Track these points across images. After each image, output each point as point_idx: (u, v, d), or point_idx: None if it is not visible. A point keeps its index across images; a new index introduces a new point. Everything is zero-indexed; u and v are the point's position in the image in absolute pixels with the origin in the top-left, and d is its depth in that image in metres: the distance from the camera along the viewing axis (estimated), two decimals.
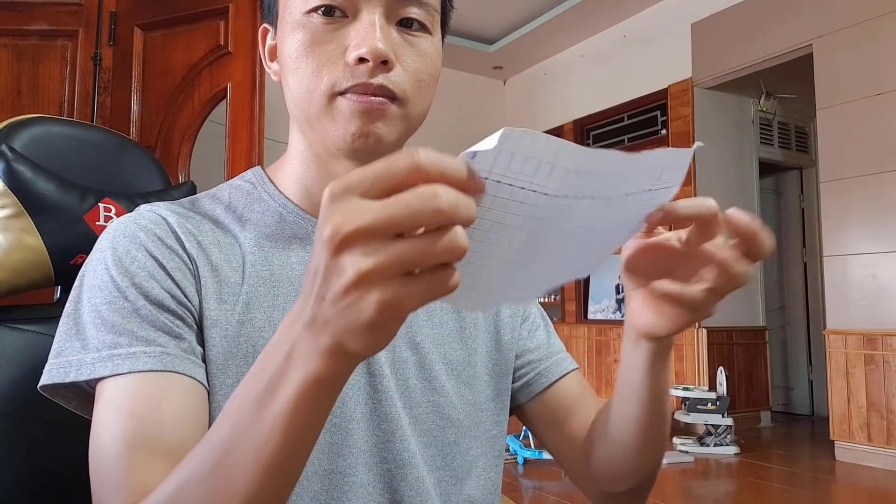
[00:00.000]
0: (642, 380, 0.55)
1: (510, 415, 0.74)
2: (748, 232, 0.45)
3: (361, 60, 0.54)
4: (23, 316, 0.77)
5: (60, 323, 0.55)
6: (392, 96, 0.56)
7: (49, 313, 0.77)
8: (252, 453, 0.39)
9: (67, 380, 0.51)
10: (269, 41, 0.64)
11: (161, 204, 0.60)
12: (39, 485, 0.73)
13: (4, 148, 0.80)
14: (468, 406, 0.65)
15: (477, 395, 0.67)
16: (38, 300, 0.85)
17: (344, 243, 0.32)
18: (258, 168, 0.67)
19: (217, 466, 0.40)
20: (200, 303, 0.56)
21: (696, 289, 0.46)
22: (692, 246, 0.46)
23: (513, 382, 0.72)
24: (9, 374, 0.73)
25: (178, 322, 0.54)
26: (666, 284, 0.48)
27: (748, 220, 0.45)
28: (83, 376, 0.51)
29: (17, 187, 0.80)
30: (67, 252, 0.82)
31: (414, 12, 0.57)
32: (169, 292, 0.54)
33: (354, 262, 0.32)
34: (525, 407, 0.73)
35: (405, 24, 0.57)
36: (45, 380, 0.53)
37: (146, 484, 0.46)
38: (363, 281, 0.32)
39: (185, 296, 0.55)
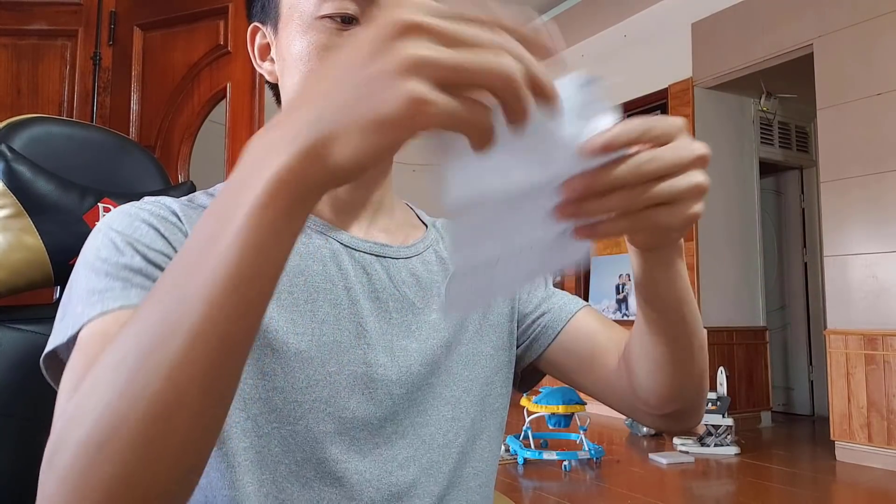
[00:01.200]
0: (657, 289, 0.52)
1: (535, 374, 0.75)
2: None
3: None
4: (22, 316, 0.77)
5: (61, 300, 0.53)
6: None
7: (48, 313, 0.77)
8: (208, 275, 0.33)
9: (67, 336, 0.48)
10: (259, 40, 0.64)
11: (162, 197, 0.60)
12: None
13: (4, 148, 0.80)
14: (470, 383, 0.66)
15: (482, 371, 0.67)
16: (37, 300, 0.85)
17: (410, 29, 0.31)
18: None
19: (167, 300, 0.35)
20: None
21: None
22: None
23: (522, 344, 0.73)
24: (8, 374, 0.73)
25: None
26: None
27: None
28: (77, 325, 0.47)
29: (17, 187, 0.79)
30: (66, 252, 0.82)
31: None
32: (169, 257, 0.52)
33: (414, 47, 0.31)
34: (543, 358, 0.72)
35: None
36: (49, 346, 0.50)
37: None
38: (411, 68, 0.31)
39: None
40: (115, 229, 0.53)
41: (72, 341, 0.48)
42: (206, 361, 0.34)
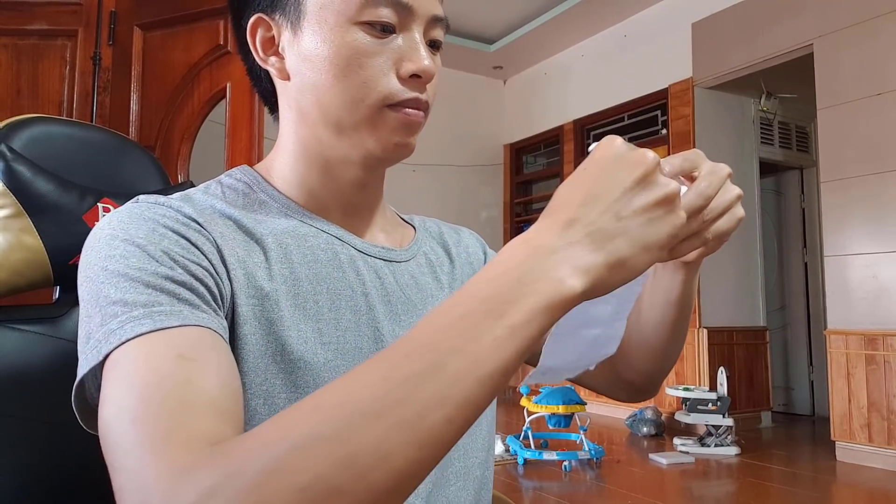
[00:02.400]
0: (682, 292, 0.64)
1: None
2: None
3: (415, 77, 0.59)
4: (22, 316, 0.77)
5: (80, 315, 0.48)
6: (426, 110, 0.61)
7: (48, 313, 0.77)
8: (470, 364, 0.36)
9: (103, 354, 0.43)
10: (263, 33, 0.62)
11: (157, 196, 0.55)
12: (41, 486, 0.72)
13: (3, 148, 0.80)
14: None
15: None
16: (36, 300, 0.85)
17: (656, 168, 0.41)
18: (246, 167, 0.66)
19: (424, 372, 0.36)
20: (233, 295, 0.52)
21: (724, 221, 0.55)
22: None
23: None
24: (8, 375, 0.73)
25: (214, 302, 0.49)
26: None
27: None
28: (120, 339, 0.43)
29: (17, 187, 0.79)
30: (66, 252, 0.82)
31: (439, 34, 0.62)
32: (207, 271, 0.50)
33: (670, 183, 0.42)
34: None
35: (431, 45, 0.62)
36: (82, 368, 0.46)
37: (207, 436, 0.37)
38: (670, 200, 0.41)
39: (222, 280, 0.51)
40: (140, 236, 0.49)
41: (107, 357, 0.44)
42: (456, 431, 0.36)
